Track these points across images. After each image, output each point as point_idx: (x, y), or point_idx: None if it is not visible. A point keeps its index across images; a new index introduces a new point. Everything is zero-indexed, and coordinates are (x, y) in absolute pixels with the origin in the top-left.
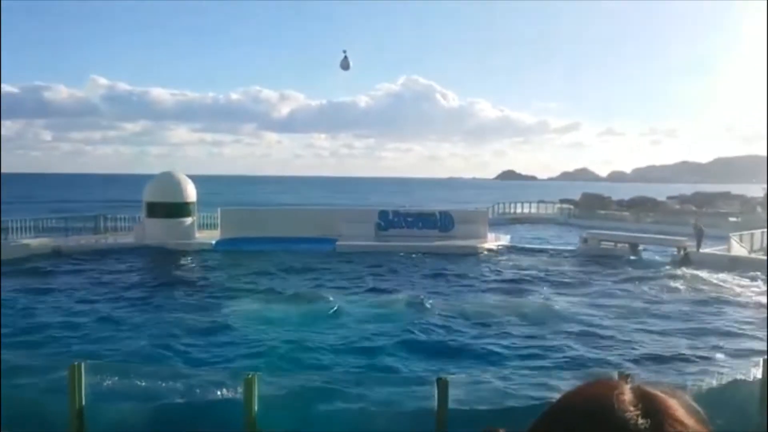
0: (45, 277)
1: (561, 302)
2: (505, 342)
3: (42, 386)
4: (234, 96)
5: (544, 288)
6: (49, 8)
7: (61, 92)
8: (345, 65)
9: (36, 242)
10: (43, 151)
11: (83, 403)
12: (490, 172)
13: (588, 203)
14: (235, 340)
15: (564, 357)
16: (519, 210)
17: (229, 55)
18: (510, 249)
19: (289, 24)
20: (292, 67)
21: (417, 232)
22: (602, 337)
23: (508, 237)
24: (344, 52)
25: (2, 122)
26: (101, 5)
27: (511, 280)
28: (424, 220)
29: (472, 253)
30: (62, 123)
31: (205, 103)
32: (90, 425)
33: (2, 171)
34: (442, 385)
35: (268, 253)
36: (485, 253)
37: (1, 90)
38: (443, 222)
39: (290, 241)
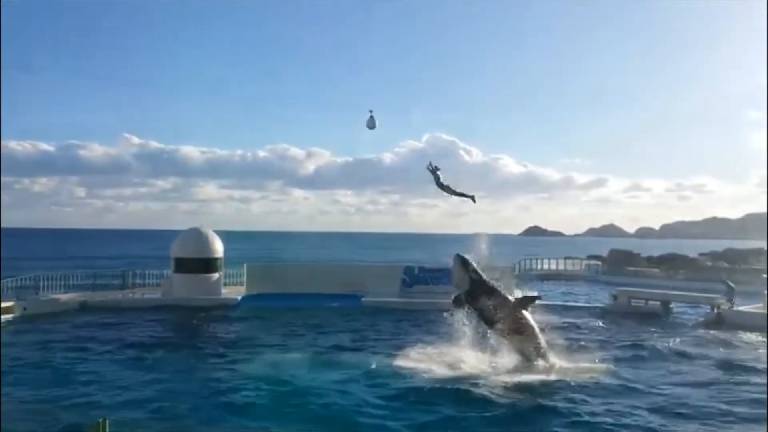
0: (71, 331)
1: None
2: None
3: None
4: (261, 153)
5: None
6: (85, 70)
7: (95, 150)
8: (371, 124)
9: (65, 297)
10: (76, 207)
11: None
12: (515, 228)
13: (616, 259)
14: (259, 401)
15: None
16: (545, 266)
17: (257, 114)
18: (537, 306)
19: (315, 84)
20: (318, 126)
21: (443, 288)
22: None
23: (535, 293)
24: (371, 111)
25: (38, 179)
26: (135, 67)
27: None
28: (450, 276)
29: None
30: (95, 180)
31: (233, 161)
32: None
33: (37, 227)
34: None
35: (294, 310)
36: None
37: (34, 148)
38: None
39: (316, 297)
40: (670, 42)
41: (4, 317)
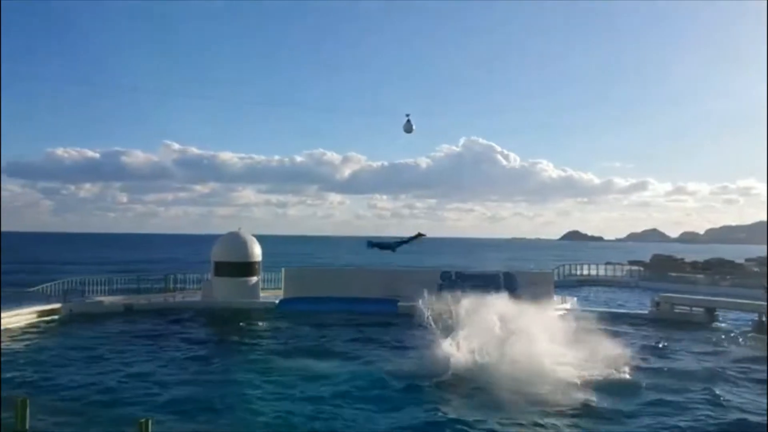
0: (115, 332)
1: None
2: None
3: None
4: (298, 159)
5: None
6: (127, 80)
7: (137, 157)
8: (408, 128)
9: (109, 300)
10: (118, 212)
11: None
12: (555, 233)
13: (659, 265)
14: (297, 408)
15: None
16: (585, 272)
17: (294, 120)
18: (576, 313)
19: (351, 89)
20: (355, 131)
21: (480, 293)
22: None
23: (575, 299)
24: (407, 115)
25: (83, 185)
26: (176, 76)
27: None
28: (487, 281)
29: None
30: (137, 186)
31: (270, 166)
32: None
33: (82, 231)
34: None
35: (330, 313)
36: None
37: (80, 155)
38: (507, 283)
39: (352, 301)
40: (713, 41)
41: (50, 318)
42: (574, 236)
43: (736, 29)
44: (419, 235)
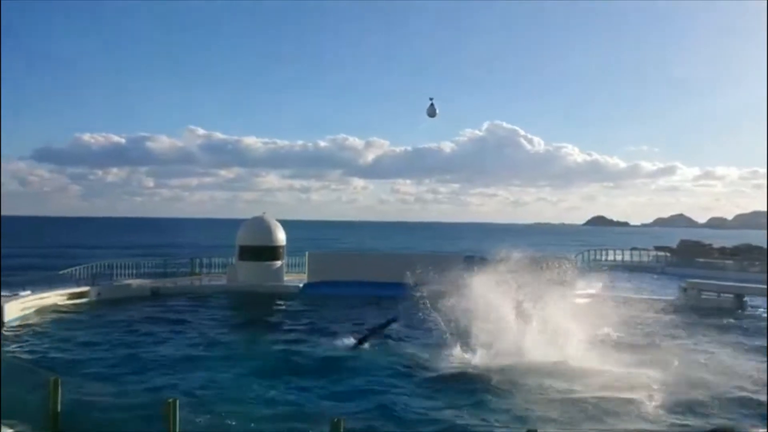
0: (143, 315)
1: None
2: None
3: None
4: (322, 144)
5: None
6: (152, 66)
7: (162, 142)
8: (432, 112)
9: (136, 283)
10: (145, 196)
11: None
12: (579, 218)
13: (686, 251)
14: (320, 385)
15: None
16: (611, 257)
17: (317, 105)
18: (601, 298)
19: (374, 73)
20: (378, 115)
21: None
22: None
23: (599, 285)
24: (431, 99)
25: (110, 170)
26: (198, 62)
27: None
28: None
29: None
30: (163, 170)
31: (294, 151)
32: None
33: (110, 216)
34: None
35: (353, 297)
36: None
37: (106, 140)
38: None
39: (375, 285)
40: (741, 26)
41: (80, 300)
42: (599, 221)
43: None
44: (390, 322)
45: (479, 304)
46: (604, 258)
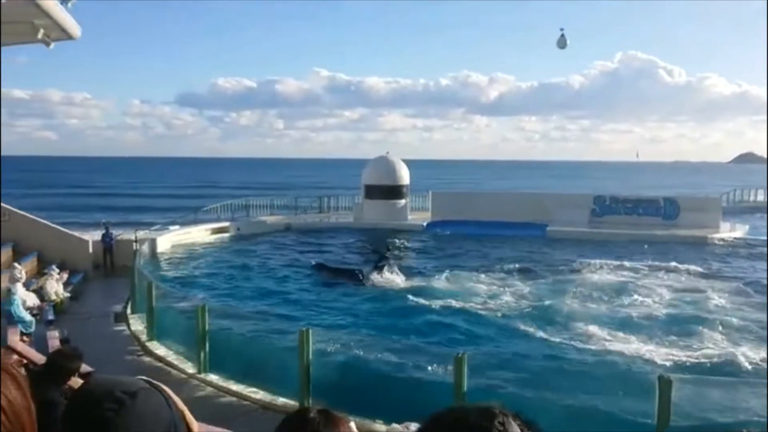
0: (280, 247)
1: None
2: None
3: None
4: (444, 81)
5: None
6: (278, 12)
7: (289, 85)
8: (562, 44)
9: (272, 219)
10: (275, 138)
11: (310, 360)
12: (724, 155)
13: None
14: (450, 320)
15: None
16: (760, 198)
17: (439, 42)
18: (748, 242)
19: (498, 6)
20: (502, 50)
21: (636, 219)
22: None
23: (746, 228)
24: (561, 30)
25: (243, 112)
26: (323, 6)
27: (750, 281)
28: (646, 207)
29: (701, 244)
30: (290, 112)
31: (416, 90)
32: (314, 381)
33: (244, 156)
34: (664, 384)
35: (477, 237)
36: (717, 244)
37: (239, 84)
38: (667, 209)
39: (499, 225)
40: None
41: (221, 235)
42: (747, 158)
43: None
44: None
45: None
46: (752, 198)
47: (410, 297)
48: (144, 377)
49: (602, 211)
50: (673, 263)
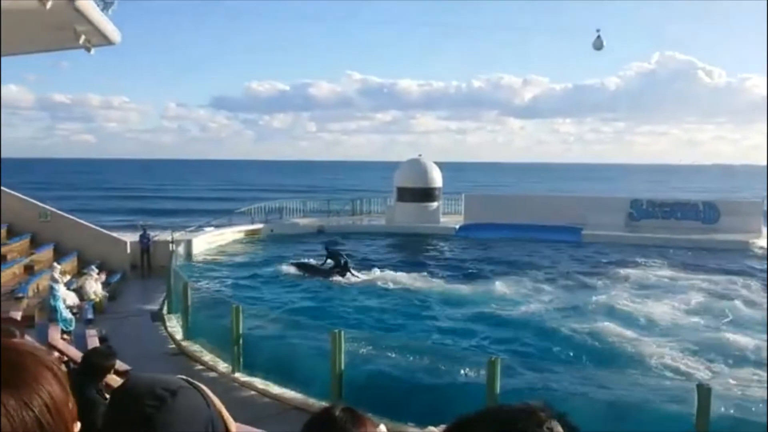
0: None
1: None
2: None
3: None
4: (476, 84)
5: None
6: (311, 14)
7: (322, 88)
8: (598, 45)
9: (304, 221)
10: (308, 140)
11: (342, 365)
12: (765, 158)
13: None
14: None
15: None
16: None
17: (471, 44)
18: None
19: (532, 7)
20: (536, 51)
21: (674, 223)
22: None
23: None
24: (598, 31)
25: (276, 115)
26: (355, 8)
27: None
28: (684, 211)
29: (742, 249)
30: (323, 115)
31: (449, 92)
32: (346, 383)
33: (278, 159)
34: (703, 393)
35: (511, 240)
36: (758, 250)
37: (272, 87)
38: (706, 213)
39: (533, 228)
40: None
41: (254, 237)
42: None
43: None
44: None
45: None
46: None
47: (435, 299)
48: (183, 376)
49: (639, 215)
50: (714, 268)
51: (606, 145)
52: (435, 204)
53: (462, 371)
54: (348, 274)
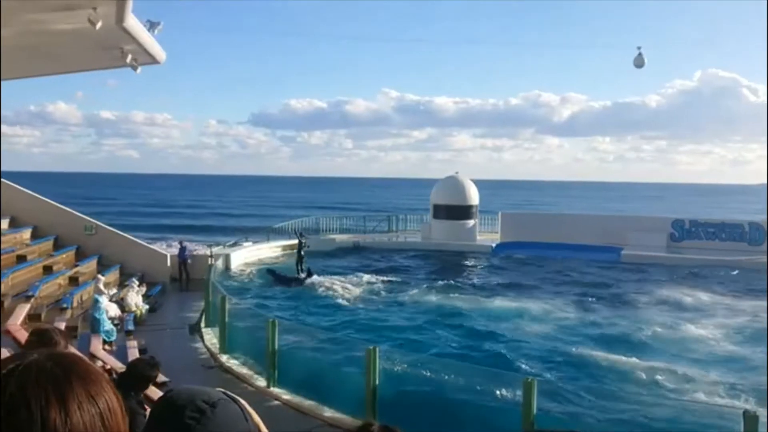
0: (345, 265)
1: None
2: None
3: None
4: (513, 101)
5: None
6: (347, 33)
7: (358, 105)
8: (639, 62)
9: (341, 237)
10: (345, 157)
11: (377, 381)
12: None
13: None
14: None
15: None
16: None
17: (509, 61)
18: None
19: (570, 23)
20: (574, 69)
21: (719, 244)
22: None
23: None
24: (639, 48)
25: (314, 132)
26: (389, 26)
27: None
28: (729, 232)
29: None
30: (359, 132)
31: (485, 110)
32: (380, 400)
33: (315, 175)
34: (750, 420)
35: (549, 259)
36: None
37: (310, 104)
38: (752, 234)
39: (572, 247)
40: None
41: (292, 252)
42: None
43: None
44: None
45: None
46: None
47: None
48: (222, 389)
49: (681, 236)
50: (759, 290)
51: (648, 164)
52: (471, 222)
53: (497, 392)
54: (309, 279)
